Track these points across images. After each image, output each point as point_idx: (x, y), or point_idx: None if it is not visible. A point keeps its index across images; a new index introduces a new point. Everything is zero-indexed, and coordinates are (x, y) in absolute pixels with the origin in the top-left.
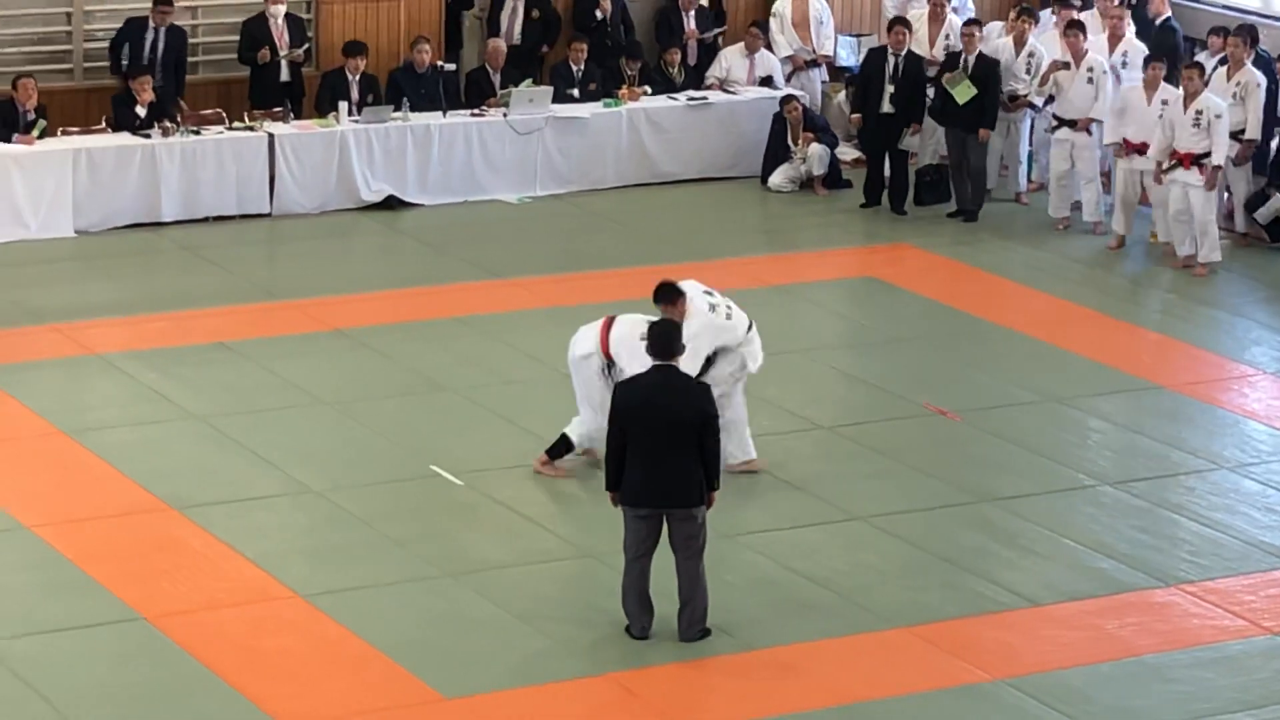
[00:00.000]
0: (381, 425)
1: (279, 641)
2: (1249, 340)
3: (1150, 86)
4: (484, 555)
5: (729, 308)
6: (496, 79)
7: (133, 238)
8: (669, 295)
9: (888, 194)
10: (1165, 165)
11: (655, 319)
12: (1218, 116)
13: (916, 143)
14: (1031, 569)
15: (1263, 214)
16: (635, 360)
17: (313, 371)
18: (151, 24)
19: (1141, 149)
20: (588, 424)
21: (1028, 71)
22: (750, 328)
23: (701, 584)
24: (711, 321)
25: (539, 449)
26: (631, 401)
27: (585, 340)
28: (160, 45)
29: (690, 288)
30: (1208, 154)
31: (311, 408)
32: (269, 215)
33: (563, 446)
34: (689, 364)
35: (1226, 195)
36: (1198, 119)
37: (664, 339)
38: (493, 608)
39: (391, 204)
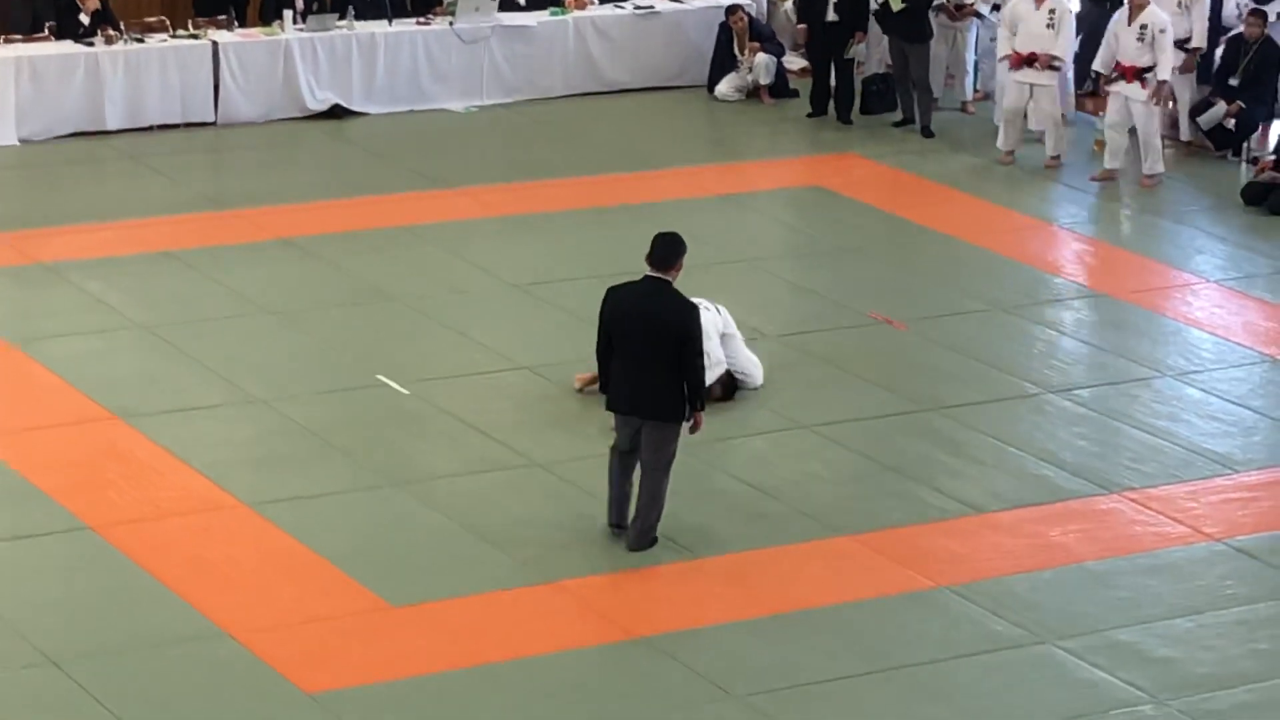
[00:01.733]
0: (328, 335)
1: (226, 550)
2: (1193, 249)
3: None
4: (431, 465)
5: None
6: None
7: (77, 146)
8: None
9: (834, 103)
10: (1108, 76)
11: (661, 232)
12: (1162, 31)
13: (863, 51)
14: (976, 477)
15: (1204, 120)
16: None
17: (259, 281)
18: None
19: (1030, 60)
20: None
21: None
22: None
23: (659, 498)
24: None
25: (487, 359)
26: (617, 308)
27: None
28: None
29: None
30: (1151, 68)
31: (258, 317)
32: (214, 124)
33: None
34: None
35: (1171, 104)
36: (1142, 33)
37: (663, 249)
38: (440, 517)
39: (337, 113)
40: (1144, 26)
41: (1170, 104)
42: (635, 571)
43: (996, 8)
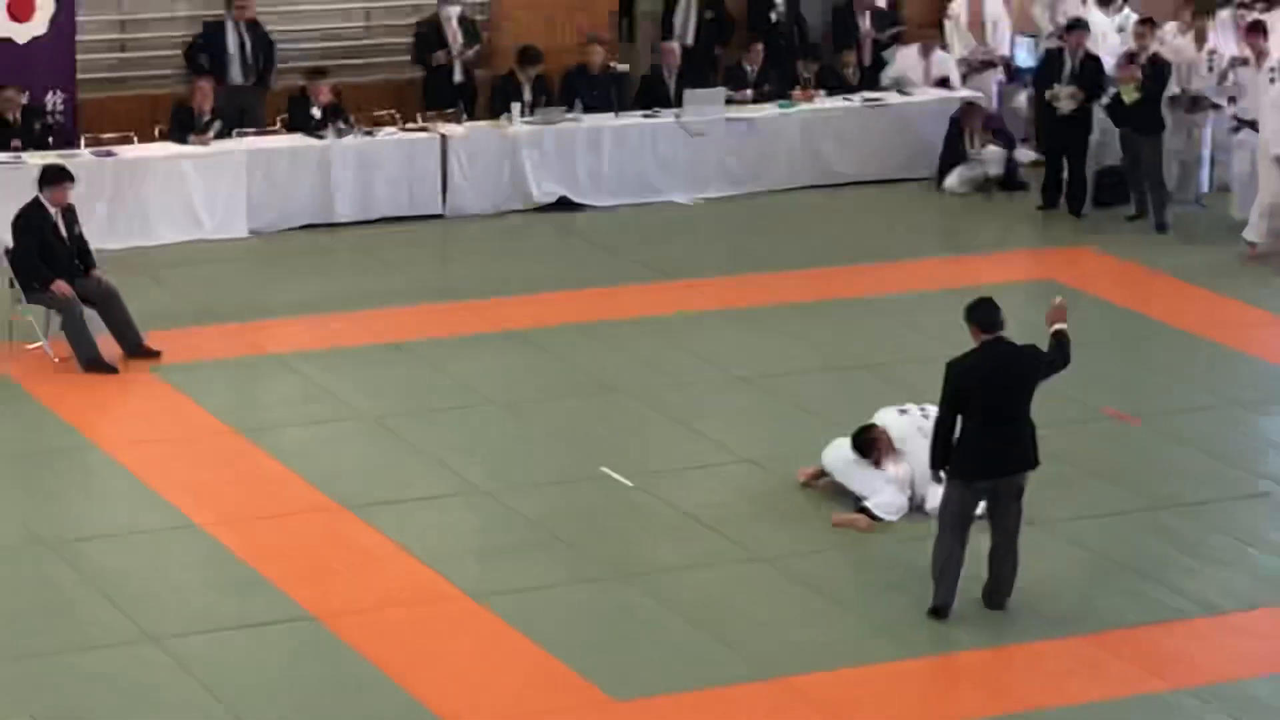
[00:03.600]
0: (552, 426)
1: (449, 642)
2: None
3: None
4: (654, 557)
5: (923, 409)
6: (671, 81)
7: (306, 238)
8: (867, 445)
9: (1065, 196)
10: None
11: (975, 300)
12: None
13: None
14: (1213, 576)
15: None
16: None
17: (484, 372)
18: (231, 20)
19: None
20: (891, 499)
21: (1209, 70)
22: None
23: (1015, 556)
24: (911, 422)
25: (711, 452)
26: (977, 377)
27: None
28: (246, 43)
29: (880, 415)
30: None
31: (483, 408)
32: (441, 216)
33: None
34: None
35: None
36: None
37: (987, 315)
38: (663, 610)
39: (564, 205)
40: None
41: None
42: (860, 669)
43: (1233, 100)
